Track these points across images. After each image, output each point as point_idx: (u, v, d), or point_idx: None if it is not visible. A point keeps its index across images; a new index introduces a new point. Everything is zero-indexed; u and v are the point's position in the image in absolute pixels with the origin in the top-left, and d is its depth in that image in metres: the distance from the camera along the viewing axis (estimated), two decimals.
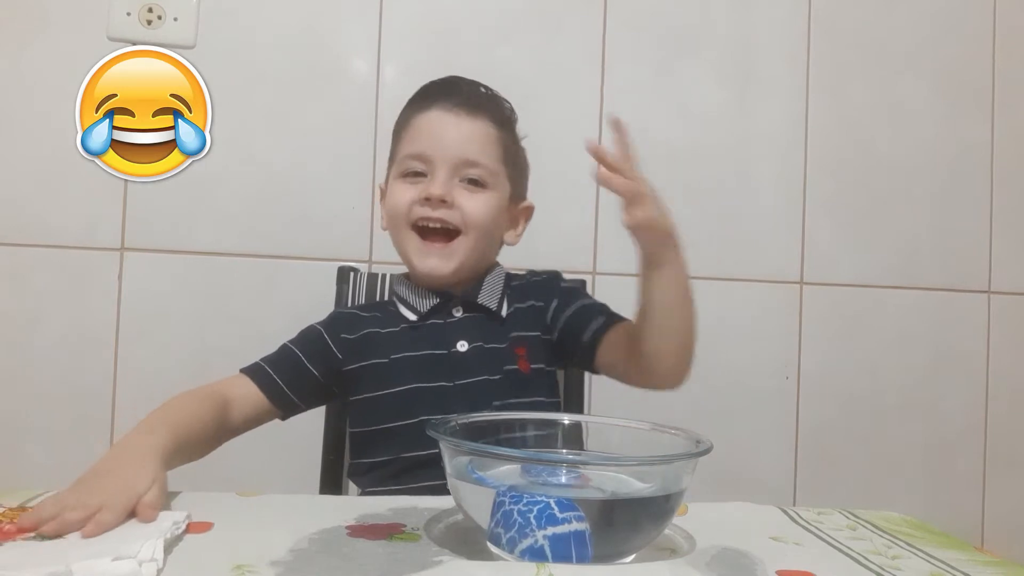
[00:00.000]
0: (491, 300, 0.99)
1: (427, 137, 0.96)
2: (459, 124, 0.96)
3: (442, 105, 0.97)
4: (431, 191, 0.93)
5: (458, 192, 0.95)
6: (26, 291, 1.31)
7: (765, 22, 1.51)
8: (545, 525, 0.54)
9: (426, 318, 0.97)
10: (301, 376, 0.95)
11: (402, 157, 0.97)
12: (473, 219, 0.95)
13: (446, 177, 0.94)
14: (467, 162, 0.95)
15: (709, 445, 0.61)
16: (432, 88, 1.01)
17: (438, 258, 0.95)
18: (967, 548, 0.67)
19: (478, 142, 0.97)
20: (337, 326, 0.99)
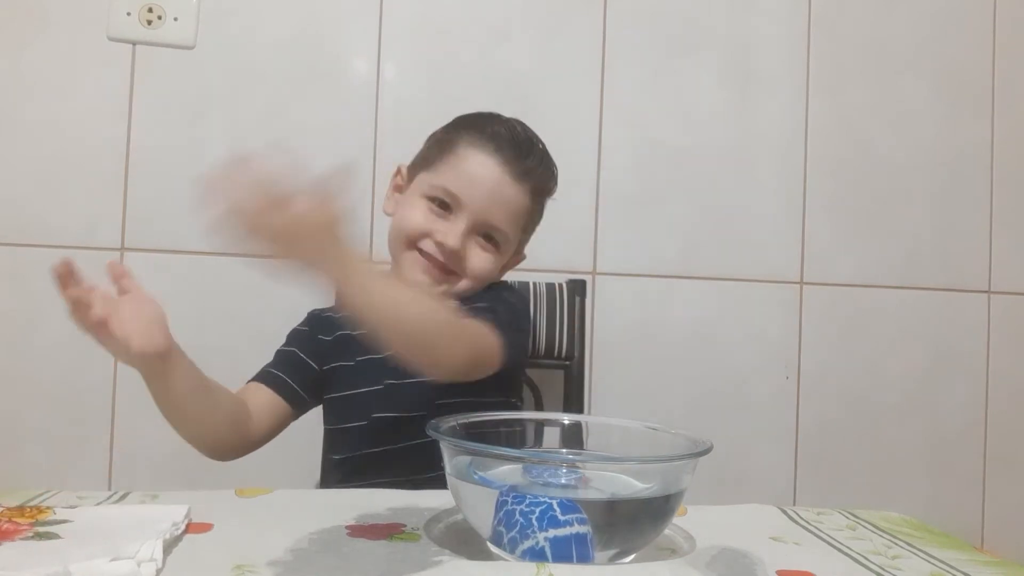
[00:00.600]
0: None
1: (468, 182, 0.95)
2: (503, 185, 0.95)
3: (497, 155, 0.95)
4: (447, 243, 0.93)
5: (470, 245, 0.96)
6: (26, 291, 1.31)
7: (765, 22, 1.51)
8: (547, 527, 0.54)
9: None
10: (304, 371, 1.00)
11: (439, 183, 0.96)
12: (473, 273, 0.97)
13: (467, 230, 0.95)
14: (492, 225, 0.96)
15: (709, 445, 0.61)
16: (498, 129, 0.98)
17: (429, 279, 0.96)
18: (967, 548, 0.67)
19: (512, 210, 0.97)
20: (316, 326, 1.04)
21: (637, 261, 1.46)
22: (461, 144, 0.97)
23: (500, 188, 0.95)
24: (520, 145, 0.97)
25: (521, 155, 0.97)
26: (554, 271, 1.41)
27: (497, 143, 0.96)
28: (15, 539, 0.57)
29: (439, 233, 0.94)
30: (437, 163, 0.98)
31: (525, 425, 0.74)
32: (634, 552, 0.59)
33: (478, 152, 0.96)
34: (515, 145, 0.97)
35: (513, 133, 0.98)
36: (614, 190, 1.46)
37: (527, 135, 1.00)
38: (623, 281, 1.45)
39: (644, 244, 1.46)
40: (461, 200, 0.94)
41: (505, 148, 0.96)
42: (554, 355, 1.30)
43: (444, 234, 0.94)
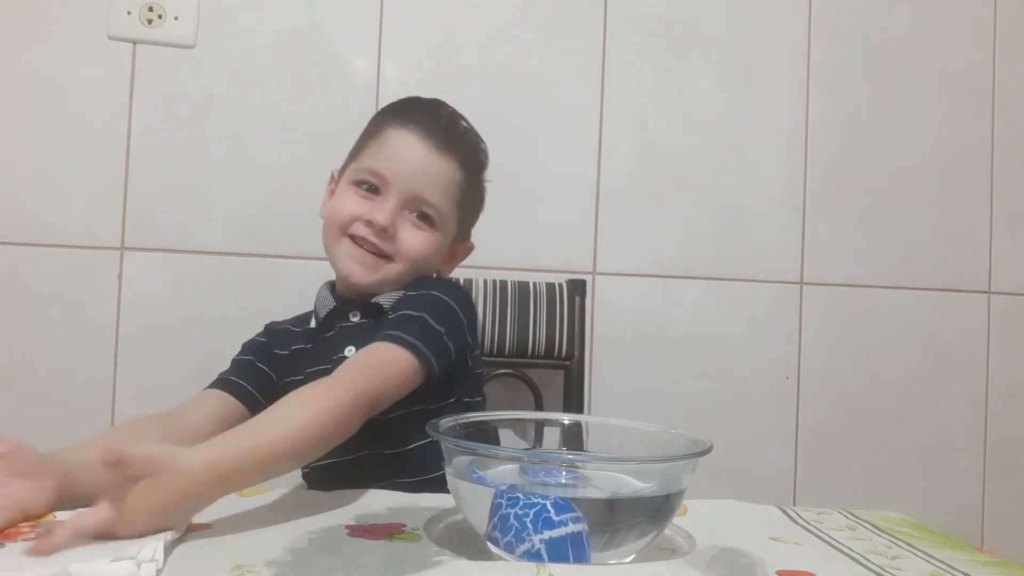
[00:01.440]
0: (387, 301, 0.95)
1: (392, 159, 0.95)
2: (428, 159, 0.95)
3: (419, 131, 0.96)
4: (376, 219, 0.93)
5: (402, 224, 0.95)
6: (26, 291, 1.31)
7: (765, 22, 1.51)
8: (542, 529, 0.54)
9: (325, 322, 0.99)
10: (260, 377, 0.99)
11: (362, 167, 0.97)
12: (408, 253, 0.95)
13: (396, 206, 0.94)
14: (422, 200, 0.95)
15: (709, 445, 0.61)
16: (415, 107, 1.00)
17: (363, 267, 0.95)
18: (967, 548, 0.67)
19: (440, 183, 0.96)
20: (273, 339, 1.04)
21: (637, 261, 1.46)
22: (384, 127, 0.98)
23: (425, 160, 0.95)
24: (441, 119, 0.97)
25: (442, 128, 0.96)
26: (554, 271, 1.41)
27: (418, 120, 0.96)
28: (16, 540, 0.57)
29: (368, 212, 0.93)
30: (363, 151, 0.99)
31: (525, 425, 0.74)
32: (634, 552, 0.59)
33: (400, 130, 0.96)
34: (436, 119, 0.97)
35: (434, 110, 0.99)
36: (614, 190, 1.46)
37: (449, 111, 1.00)
38: (623, 281, 1.45)
39: (644, 244, 1.46)
40: (387, 178, 0.94)
41: (426, 123, 0.96)
42: (554, 355, 1.30)
43: (372, 212, 0.93)
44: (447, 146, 0.96)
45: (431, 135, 0.95)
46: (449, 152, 0.96)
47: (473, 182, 1.01)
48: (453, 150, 0.97)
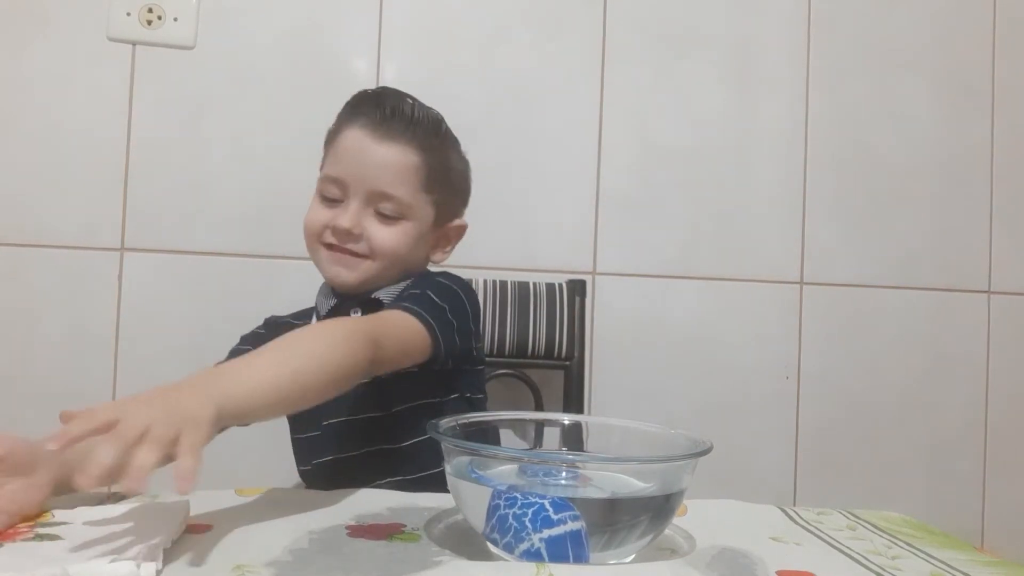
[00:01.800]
0: (387, 296, 0.96)
1: (344, 162, 0.94)
2: (375, 150, 0.93)
3: (363, 124, 0.94)
4: (338, 223, 0.93)
5: (368, 222, 0.94)
6: (26, 291, 1.31)
7: (765, 22, 1.51)
8: (540, 528, 0.54)
9: (326, 319, 0.98)
10: None
11: (323, 176, 0.97)
12: (381, 248, 0.94)
13: (357, 208, 0.93)
14: (379, 194, 0.93)
15: (709, 445, 0.61)
16: (359, 101, 0.97)
17: (343, 268, 0.95)
18: (967, 548, 0.67)
19: (392, 172, 0.93)
20: (273, 334, 0.96)
21: (637, 261, 1.46)
22: (338, 130, 0.98)
23: (371, 153, 0.93)
24: (383, 107, 0.94)
25: (385, 116, 0.94)
26: (554, 271, 1.41)
27: (359, 115, 0.95)
28: (15, 540, 0.57)
29: (332, 219, 0.94)
30: (325, 159, 0.99)
31: (525, 425, 0.74)
32: (634, 552, 0.59)
33: (349, 129, 0.95)
34: (377, 107, 0.94)
35: (376, 98, 0.96)
36: (614, 190, 1.46)
37: (392, 94, 0.97)
38: (623, 281, 1.45)
39: (644, 244, 1.46)
40: (344, 181, 0.94)
41: (366, 114, 0.94)
42: (554, 355, 1.30)
43: (336, 218, 0.93)
44: (391, 132, 0.93)
45: (374, 126, 0.94)
46: (395, 138, 0.93)
47: (436, 160, 0.97)
48: (399, 134, 0.94)
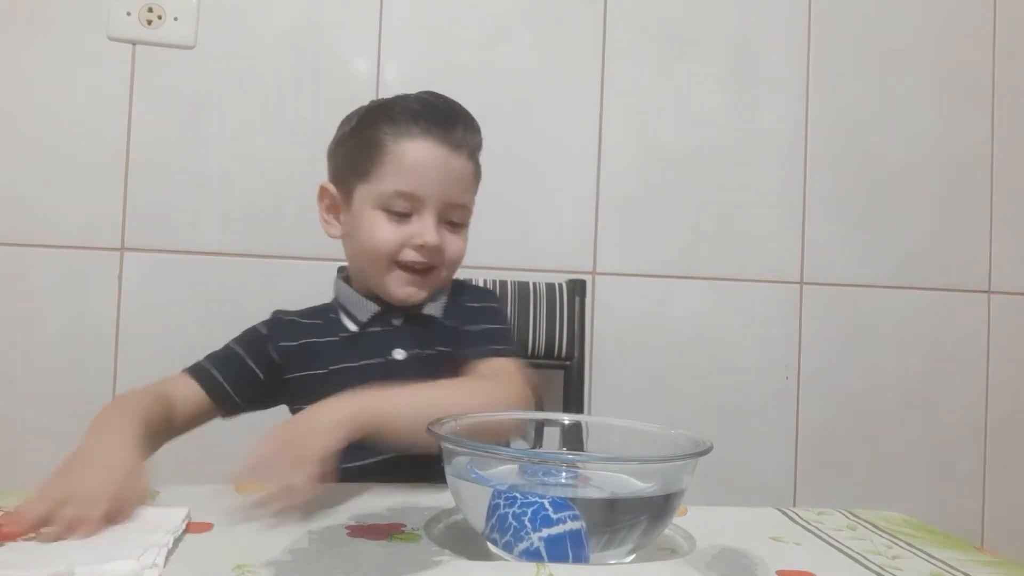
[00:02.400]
0: (435, 311, 0.97)
1: (418, 175, 0.91)
2: (449, 163, 0.92)
3: (431, 135, 0.92)
4: (427, 241, 0.91)
5: (442, 233, 0.93)
6: (26, 291, 1.31)
7: (765, 22, 1.51)
8: (540, 527, 0.54)
9: (367, 327, 0.96)
10: (245, 377, 0.96)
11: (388, 190, 0.92)
12: (452, 259, 0.96)
13: (435, 221, 0.92)
14: (454, 205, 0.94)
15: (709, 445, 0.61)
16: (415, 107, 0.94)
17: (416, 287, 0.94)
18: (967, 548, 0.67)
19: (464, 182, 0.94)
20: (278, 331, 0.99)
21: (637, 261, 1.46)
22: (387, 139, 0.92)
23: (447, 166, 0.92)
24: (442, 115, 0.93)
25: (448, 124, 0.93)
26: (554, 271, 1.41)
27: (424, 124, 0.92)
28: (18, 540, 0.57)
29: (415, 237, 0.91)
30: (373, 169, 0.93)
31: (525, 425, 0.74)
32: (634, 552, 0.59)
33: (410, 140, 0.91)
34: (438, 116, 0.93)
35: (427, 105, 0.94)
36: (614, 190, 1.46)
37: (445, 102, 0.96)
38: (623, 281, 1.45)
39: (644, 244, 1.46)
40: (418, 195, 0.91)
41: (432, 125, 0.92)
42: (554, 355, 1.30)
43: (420, 235, 0.91)
44: (460, 141, 0.93)
45: (445, 135, 0.92)
46: (463, 146, 0.94)
47: (479, 165, 0.98)
48: (465, 143, 0.94)
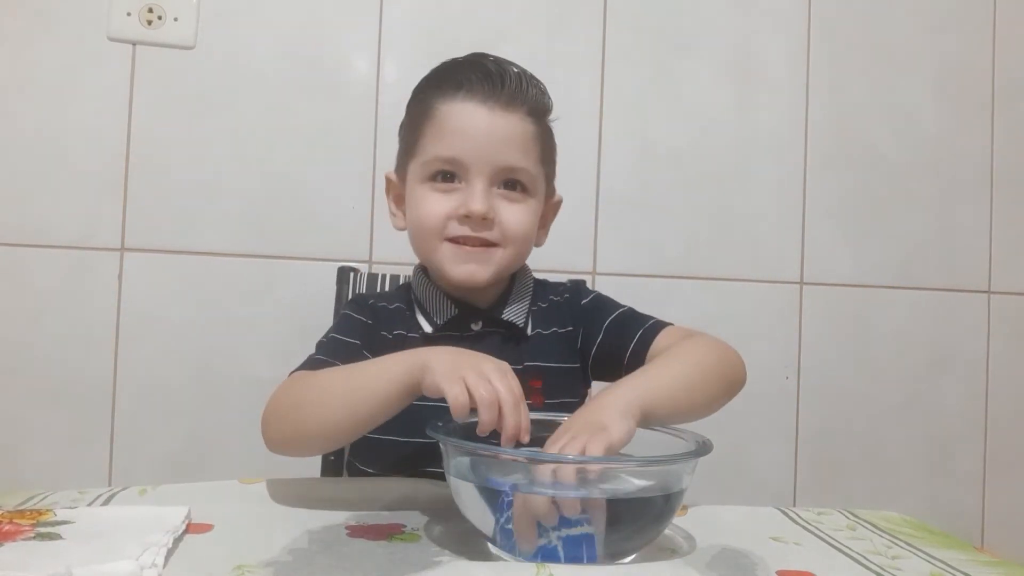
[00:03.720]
0: (517, 317, 0.91)
1: (460, 137, 0.83)
2: (495, 121, 0.84)
3: (474, 95, 0.84)
4: (472, 208, 0.82)
5: (498, 203, 0.84)
6: (26, 291, 1.31)
7: (765, 22, 1.51)
8: (560, 527, 0.54)
9: (442, 330, 0.89)
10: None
11: (429, 158, 0.85)
12: (513, 233, 0.86)
13: (485, 187, 0.83)
14: (506, 169, 0.85)
15: (709, 445, 0.61)
16: (459, 70, 0.86)
17: (476, 263, 0.85)
18: (967, 548, 0.67)
19: (518, 143, 0.85)
20: (377, 322, 0.91)
21: (637, 261, 1.46)
22: (434, 106, 0.86)
23: (495, 125, 0.84)
24: (491, 75, 0.85)
25: (497, 83, 0.84)
26: (554, 271, 1.41)
27: (467, 85, 0.84)
28: (16, 540, 0.57)
29: (460, 207, 0.83)
30: (419, 141, 0.87)
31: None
32: (634, 552, 0.59)
33: (454, 102, 0.84)
34: (486, 76, 0.85)
35: (480, 65, 0.86)
36: (614, 190, 1.46)
37: (494, 60, 0.88)
38: (623, 281, 1.45)
39: (644, 244, 1.46)
40: (462, 160, 0.83)
41: (477, 85, 0.84)
42: None
43: (465, 204, 0.83)
44: (510, 99, 0.85)
45: (491, 94, 0.84)
46: (515, 105, 0.85)
47: (546, 128, 0.91)
48: (517, 101, 0.85)
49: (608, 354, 0.90)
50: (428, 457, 0.64)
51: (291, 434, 0.75)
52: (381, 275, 1.20)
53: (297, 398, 0.75)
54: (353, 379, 0.72)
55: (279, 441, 0.75)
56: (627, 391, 0.69)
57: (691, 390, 0.75)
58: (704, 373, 0.78)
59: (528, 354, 0.89)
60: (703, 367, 0.78)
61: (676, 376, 0.75)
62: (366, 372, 0.72)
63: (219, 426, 1.34)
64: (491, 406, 0.61)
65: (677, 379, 0.75)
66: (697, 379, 0.77)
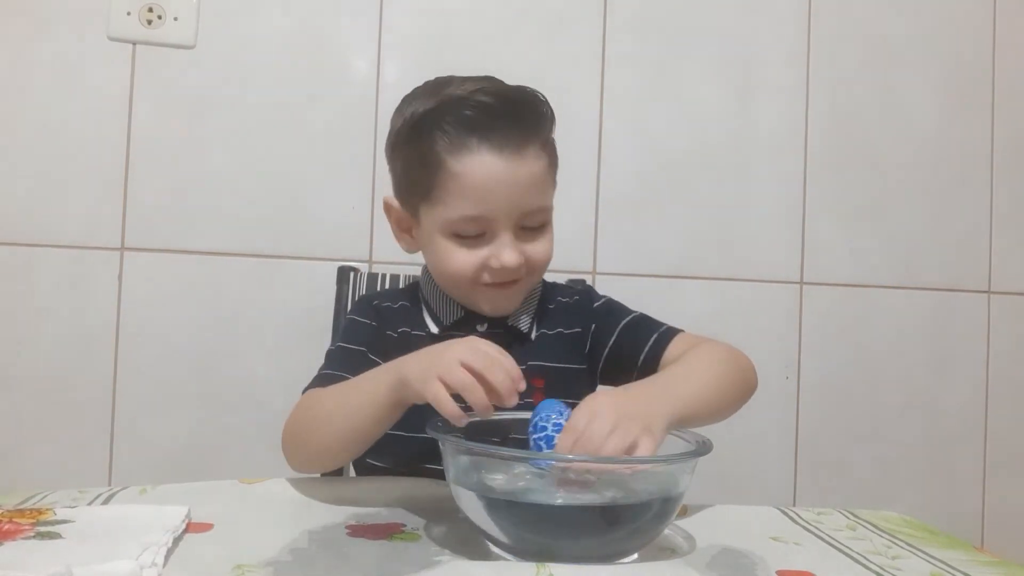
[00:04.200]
0: (522, 321, 0.92)
1: (483, 194, 0.82)
2: (514, 170, 0.82)
3: (488, 143, 0.81)
4: (505, 262, 0.83)
5: (522, 244, 0.85)
6: (26, 291, 1.31)
7: (765, 22, 1.51)
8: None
9: (447, 330, 0.90)
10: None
11: (455, 217, 0.83)
12: (539, 265, 0.88)
13: (512, 237, 0.84)
14: (529, 212, 0.85)
15: (708, 445, 0.61)
16: (472, 119, 0.82)
17: (505, 299, 0.88)
18: (967, 548, 0.67)
19: (537, 184, 0.85)
20: (382, 322, 0.92)
21: (637, 261, 1.46)
22: (444, 156, 0.82)
23: (515, 177, 0.82)
24: (498, 116, 0.82)
25: (507, 125, 0.82)
26: (554, 271, 1.41)
27: (480, 132, 0.81)
28: (16, 539, 0.57)
29: (493, 259, 0.84)
30: (433, 190, 0.84)
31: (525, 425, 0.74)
32: (634, 552, 0.59)
33: (469, 155, 0.81)
34: (494, 120, 0.82)
35: (481, 108, 0.83)
36: (614, 190, 1.46)
37: (496, 95, 0.84)
38: (623, 281, 1.45)
39: (644, 244, 1.46)
40: (488, 217, 0.83)
41: (489, 131, 0.81)
42: None
43: (498, 258, 0.83)
44: (522, 139, 0.83)
45: (504, 140, 0.81)
46: (527, 143, 0.83)
47: (553, 147, 0.90)
48: (529, 137, 0.84)
49: (620, 357, 0.91)
50: (436, 453, 0.63)
51: (305, 456, 0.80)
52: (381, 275, 1.20)
53: (305, 421, 0.79)
54: (348, 399, 0.75)
55: (299, 462, 0.80)
56: (673, 400, 0.71)
57: (718, 399, 0.79)
58: (726, 380, 0.82)
59: (532, 354, 0.90)
60: (724, 375, 0.82)
61: (708, 385, 0.78)
62: (360, 390, 0.75)
63: (219, 426, 1.34)
64: (472, 388, 0.62)
65: (709, 387, 0.78)
66: (722, 386, 0.80)
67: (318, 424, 0.77)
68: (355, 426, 0.74)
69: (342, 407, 0.75)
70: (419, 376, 0.66)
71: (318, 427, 0.77)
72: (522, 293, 0.90)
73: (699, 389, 0.76)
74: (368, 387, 0.73)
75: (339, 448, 0.77)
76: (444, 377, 0.63)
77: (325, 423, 0.77)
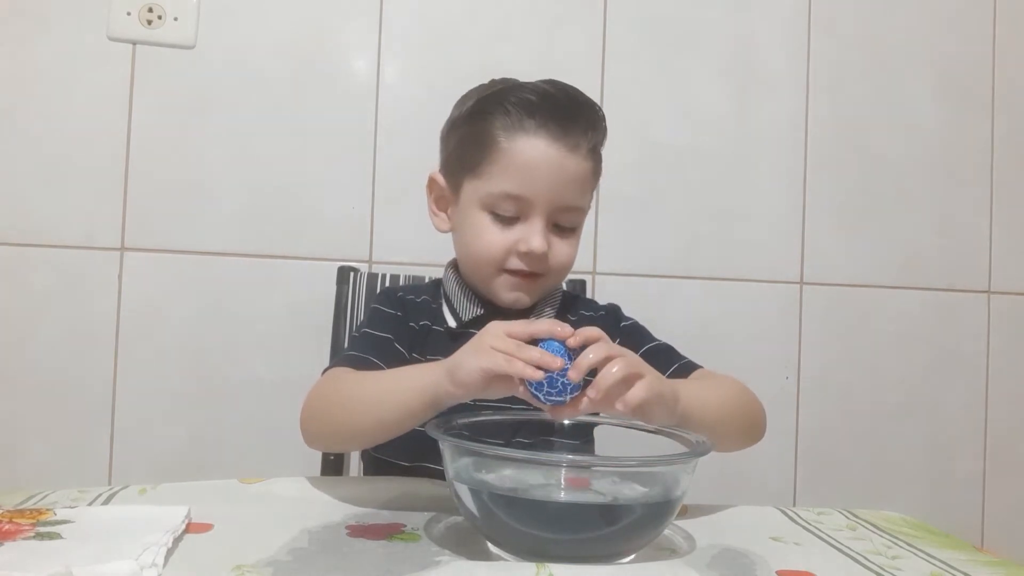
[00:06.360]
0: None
1: (529, 175, 0.84)
2: (562, 162, 0.85)
3: (545, 131, 0.85)
4: (533, 248, 0.85)
5: (550, 238, 0.87)
6: (26, 291, 1.31)
7: (765, 22, 1.51)
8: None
9: (466, 326, 0.91)
10: (397, 359, 0.87)
11: (496, 192, 0.86)
12: (560, 266, 0.90)
13: (544, 225, 0.86)
14: (565, 208, 0.87)
15: (708, 445, 0.61)
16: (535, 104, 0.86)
17: (524, 291, 0.90)
18: (967, 548, 0.67)
19: (579, 183, 0.88)
20: (406, 314, 0.93)
21: (637, 261, 1.46)
22: (499, 134, 0.86)
23: (561, 167, 0.85)
24: (561, 108, 0.86)
25: (567, 119, 0.86)
26: None
27: (539, 117, 0.85)
28: (16, 539, 0.57)
29: (522, 243, 0.86)
30: (482, 165, 0.87)
31: (525, 427, 0.74)
32: (634, 552, 0.59)
33: (524, 136, 0.85)
34: (556, 110, 0.86)
35: (546, 97, 0.87)
36: (614, 190, 1.45)
37: (563, 91, 0.89)
38: (623, 281, 1.45)
39: (644, 244, 1.46)
40: (527, 198, 0.85)
41: (548, 120, 0.85)
42: None
43: (527, 242, 0.85)
44: (578, 139, 0.86)
45: (561, 132, 0.85)
46: (581, 144, 0.87)
47: (599, 159, 0.92)
48: (583, 139, 0.87)
49: None
50: (437, 451, 0.63)
51: (327, 433, 0.80)
52: (381, 275, 1.20)
53: (333, 399, 0.79)
54: (387, 386, 0.75)
55: (316, 437, 0.80)
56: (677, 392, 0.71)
57: (719, 418, 0.77)
58: (731, 405, 0.82)
59: None
60: (731, 399, 0.82)
61: (712, 402, 0.77)
62: (399, 379, 0.74)
63: (219, 426, 1.34)
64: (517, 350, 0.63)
65: (712, 404, 0.77)
66: (726, 408, 0.80)
67: (353, 405, 0.76)
68: (384, 416, 0.73)
69: (379, 394, 0.74)
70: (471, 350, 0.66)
71: (353, 408, 0.76)
72: (540, 290, 0.91)
73: (703, 402, 0.75)
74: (407, 382, 0.72)
75: (370, 433, 0.76)
76: (495, 344, 0.64)
77: (359, 404, 0.75)
